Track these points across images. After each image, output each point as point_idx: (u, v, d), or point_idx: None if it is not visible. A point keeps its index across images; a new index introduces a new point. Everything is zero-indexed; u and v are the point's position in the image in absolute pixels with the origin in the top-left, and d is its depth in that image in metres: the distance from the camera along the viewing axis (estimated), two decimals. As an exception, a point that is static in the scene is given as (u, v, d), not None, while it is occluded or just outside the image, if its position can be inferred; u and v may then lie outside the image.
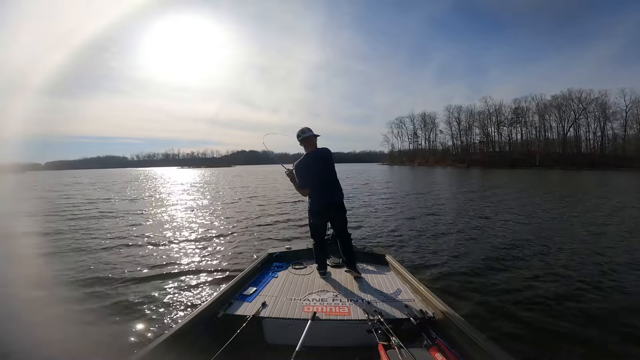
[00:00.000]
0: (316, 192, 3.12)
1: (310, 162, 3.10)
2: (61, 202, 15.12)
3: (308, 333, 1.98)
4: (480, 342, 1.82)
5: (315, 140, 3.16)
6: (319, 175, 3.09)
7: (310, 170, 3.08)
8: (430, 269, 4.59)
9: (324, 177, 3.10)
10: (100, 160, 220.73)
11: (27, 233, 7.95)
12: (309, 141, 3.13)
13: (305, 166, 3.10)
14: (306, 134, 3.12)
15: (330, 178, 3.12)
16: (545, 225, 7.91)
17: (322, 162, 3.11)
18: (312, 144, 3.14)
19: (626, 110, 55.61)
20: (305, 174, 3.10)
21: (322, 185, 3.10)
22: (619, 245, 5.93)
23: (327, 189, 3.11)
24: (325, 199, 3.10)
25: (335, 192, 3.14)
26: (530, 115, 67.08)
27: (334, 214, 3.15)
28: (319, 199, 3.11)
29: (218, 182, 30.36)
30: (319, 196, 3.11)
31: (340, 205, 3.17)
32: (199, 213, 10.78)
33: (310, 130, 3.15)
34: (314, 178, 3.08)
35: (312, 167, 3.09)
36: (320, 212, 3.13)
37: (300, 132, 3.14)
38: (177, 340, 1.92)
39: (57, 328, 3.11)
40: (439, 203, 12.41)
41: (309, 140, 3.13)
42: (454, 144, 78.48)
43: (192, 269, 4.81)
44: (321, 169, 3.09)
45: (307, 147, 3.15)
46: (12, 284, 4.28)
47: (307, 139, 3.13)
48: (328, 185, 3.11)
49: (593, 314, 3.26)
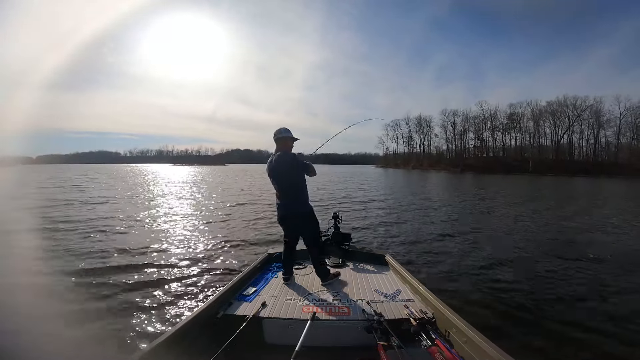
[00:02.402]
0: (280, 197, 2.97)
1: (274, 164, 2.94)
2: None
3: (308, 333, 1.98)
4: (480, 342, 1.83)
5: (290, 143, 2.99)
6: (282, 180, 2.92)
7: (274, 172, 2.94)
8: (430, 269, 4.62)
9: (286, 182, 2.92)
10: (93, 155, 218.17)
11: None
12: (283, 142, 2.96)
13: (270, 167, 2.96)
14: (281, 134, 2.94)
15: (292, 185, 2.92)
16: (545, 228, 8.01)
17: (285, 165, 2.89)
18: (285, 146, 2.97)
19: (620, 117, 56.60)
20: (270, 176, 2.98)
21: (284, 191, 2.94)
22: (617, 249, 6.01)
23: (287, 197, 2.94)
24: (286, 207, 2.94)
25: (296, 201, 2.93)
26: (525, 121, 67.96)
27: (298, 223, 2.98)
28: (280, 204, 2.97)
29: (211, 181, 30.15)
30: (281, 201, 2.96)
31: (304, 214, 2.95)
32: (198, 214, 10.69)
33: (289, 132, 2.98)
34: (278, 181, 2.93)
35: (275, 169, 2.93)
36: (281, 218, 3.00)
37: (277, 132, 2.95)
38: (177, 340, 1.90)
39: (57, 328, 3.06)
40: (437, 206, 12.49)
41: (283, 141, 2.96)
42: (449, 148, 79.18)
43: (192, 269, 4.78)
44: (284, 173, 2.90)
45: (278, 148, 2.97)
46: (12, 284, 4.22)
47: (281, 139, 2.95)
48: (288, 192, 2.94)
49: (593, 314, 3.33)
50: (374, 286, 2.93)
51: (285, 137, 2.94)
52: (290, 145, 2.99)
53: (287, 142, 2.97)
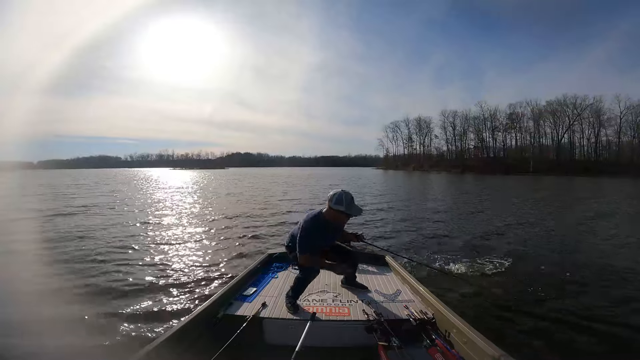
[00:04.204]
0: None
1: (332, 234, 2.63)
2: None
3: (308, 333, 1.98)
4: (479, 342, 1.83)
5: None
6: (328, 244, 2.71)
7: (329, 240, 2.66)
8: (430, 270, 4.60)
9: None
10: (94, 160, 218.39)
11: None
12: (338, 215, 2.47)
13: (326, 235, 2.57)
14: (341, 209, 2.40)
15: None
16: (547, 228, 7.99)
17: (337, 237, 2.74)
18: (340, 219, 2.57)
19: (620, 116, 56.40)
20: (323, 239, 2.58)
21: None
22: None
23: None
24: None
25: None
26: (525, 121, 67.84)
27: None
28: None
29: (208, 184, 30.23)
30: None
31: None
32: (198, 214, 10.72)
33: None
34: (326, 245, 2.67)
35: (332, 239, 2.68)
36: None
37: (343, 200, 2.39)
38: (177, 340, 1.92)
39: (57, 328, 3.07)
40: (437, 207, 12.48)
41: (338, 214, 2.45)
42: (449, 149, 79.07)
43: (192, 269, 4.81)
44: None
45: (332, 216, 2.48)
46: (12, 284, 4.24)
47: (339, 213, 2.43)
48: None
49: (593, 313, 3.31)
50: (374, 286, 2.93)
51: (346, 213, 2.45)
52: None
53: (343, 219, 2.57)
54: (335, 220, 2.50)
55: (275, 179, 37.53)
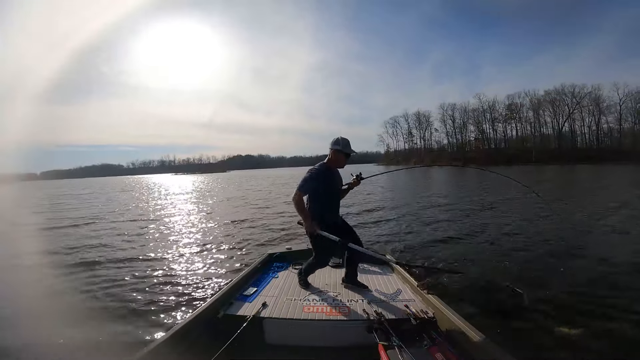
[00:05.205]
0: (330, 207, 2.92)
1: (336, 178, 2.95)
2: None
3: (308, 333, 1.98)
4: (480, 342, 1.83)
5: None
6: (337, 193, 3.00)
7: (334, 187, 2.93)
8: (431, 269, 4.56)
9: (338, 196, 3.02)
10: (96, 169, 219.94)
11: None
12: (339, 157, 2.85)
13: (331, 180, 2.88)
14: (339, 147, 2.81)
15: (338, 198, 3.03)
16: (549, 227, 7.88)
17: (340, 182, 3.02)
18: (341, 161, 2.90)
19: (620, 103, 56.10)
20: (328, 186, 2.87)
21: (335, 202, 3.00)
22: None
23: (335, 208, 2.99)
24: (337, 215, 2.99)
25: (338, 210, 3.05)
26: (524, 111, 67.57)
27: (345, 227, 3.04)
28: (328, 213, 2.90)
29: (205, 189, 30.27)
30: (332, 211, 2.95)
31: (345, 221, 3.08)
32: (197, 214, 10.76)
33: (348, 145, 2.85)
34: (334, 193, 2.96)
35: (337, 184, 2.96)
36: (335, 223, 2.93)
37: (341, 143, 2.81)
38: (177, 340, 1.92)
39: (57, 328, 3.08)
40: (437, 204, 12.42)
41: (340, 155, 2.84)
42: (450, 142, 78.83)
43: (193, 269, 4.84)
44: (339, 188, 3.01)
45: (334, 161, 2.86)
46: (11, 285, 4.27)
47: (338, 152, 2.83)
48: (337, 204, 3.02)
49: (594, 314, 3.26)
50: (375, 286, 2.93)
51: (343, 152, 2.82)
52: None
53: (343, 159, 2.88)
54: (335, 164, 2.87)
55: (275, 180, 37.53)
